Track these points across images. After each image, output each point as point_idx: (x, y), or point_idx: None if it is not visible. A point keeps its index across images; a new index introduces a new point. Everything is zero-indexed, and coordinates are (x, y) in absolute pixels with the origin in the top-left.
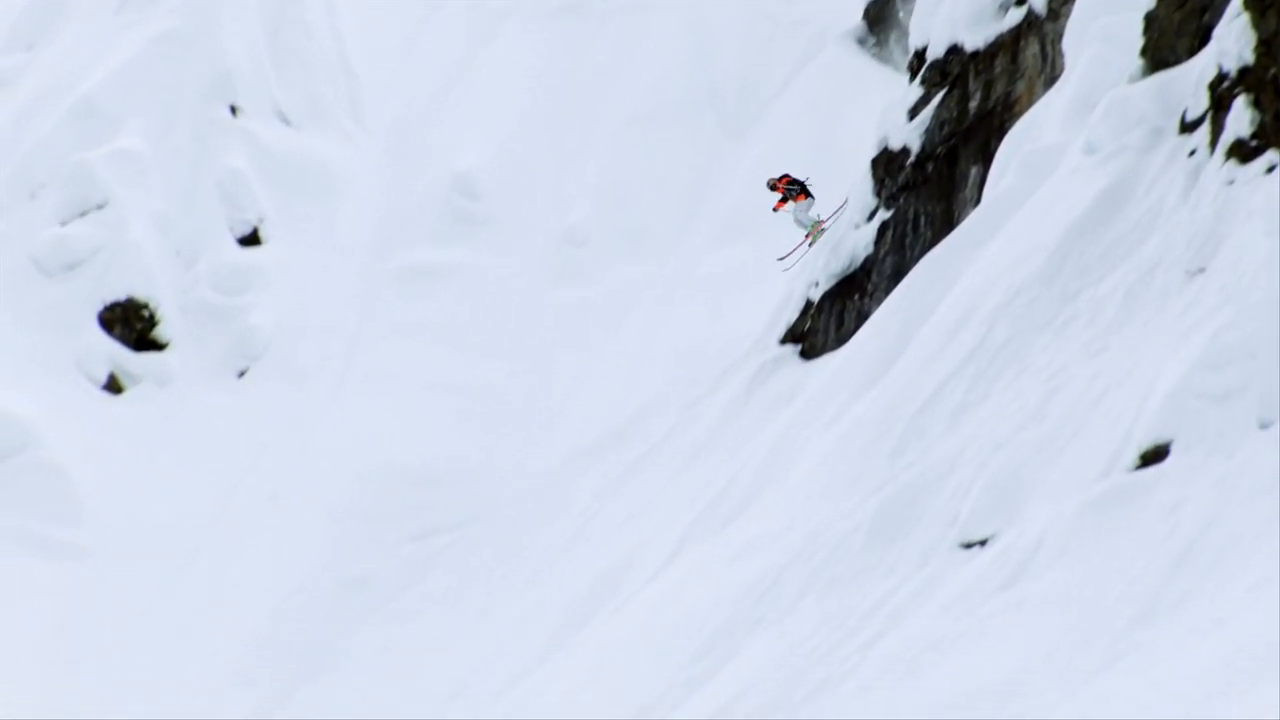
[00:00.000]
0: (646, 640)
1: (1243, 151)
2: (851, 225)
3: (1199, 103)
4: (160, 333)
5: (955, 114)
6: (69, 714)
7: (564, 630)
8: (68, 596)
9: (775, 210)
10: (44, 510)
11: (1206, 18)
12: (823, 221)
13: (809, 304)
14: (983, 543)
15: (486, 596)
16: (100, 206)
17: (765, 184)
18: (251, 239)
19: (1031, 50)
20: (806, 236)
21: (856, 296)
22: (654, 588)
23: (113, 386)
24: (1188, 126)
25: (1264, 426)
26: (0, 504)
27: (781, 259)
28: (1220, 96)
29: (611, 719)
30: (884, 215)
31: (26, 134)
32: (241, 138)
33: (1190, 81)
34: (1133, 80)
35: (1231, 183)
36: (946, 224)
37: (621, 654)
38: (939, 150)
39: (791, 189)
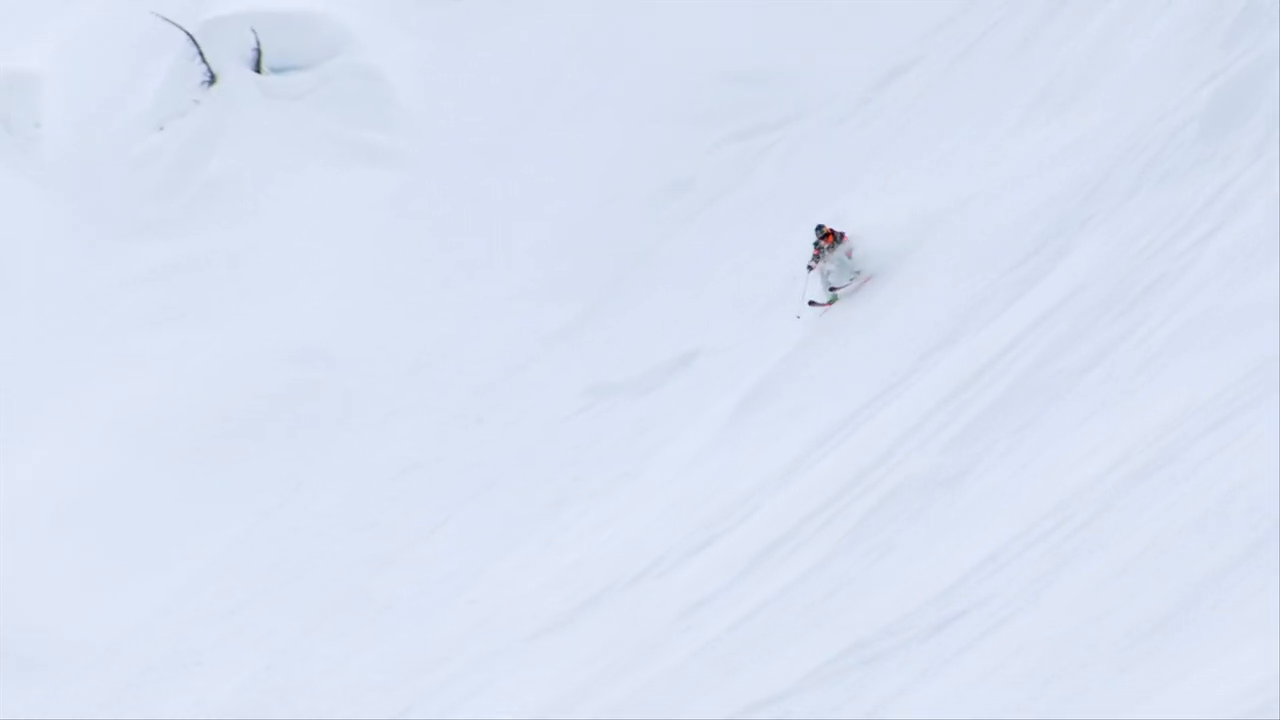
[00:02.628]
0: (976, 237)
1: None
2: None
3: None
4: None
5: None
6: (380, 327)
7: None
8: (383, 203)
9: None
10: (361, 115)
11: None
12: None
13: None
14: None
15: (801, 202)
16: None
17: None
18: None
19: None
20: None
21: None
22: (976, 187)
23: None
24: None
25: None
26: (317, 109)
27: (814, 303)
28: None
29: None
30: None
31: None
32: None
33: None
34: None
35: None
36: None
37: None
38: None
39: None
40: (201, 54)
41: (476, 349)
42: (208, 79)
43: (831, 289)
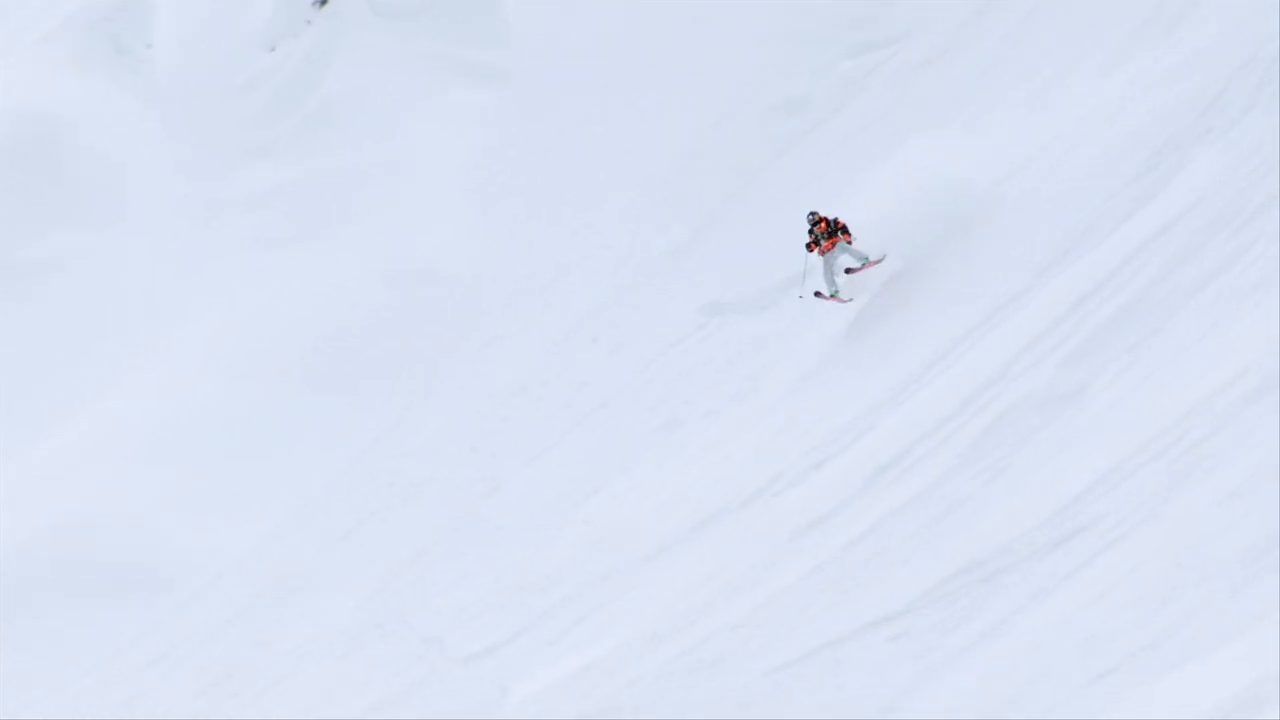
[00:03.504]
0: (1089, 156)
1: None
2: None
3: None
4: None
5: None
6: (490, 248)
7: None
8: (494, 123)
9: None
10: (472, 34)
11: None
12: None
13: None
14: None
15: (920, 116)
16: None
17: (808, 218)
18: None
19: None
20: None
21: None
22: (1084, 110)
23: None
24: None
25: None
26: (428, 28)
27: (819, 294)
28: None
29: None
30: None
31: None
32: None
33: None
34: None
35: None
36: None
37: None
38: None
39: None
40: None
41: (587, 270)
42: None
43: (833, 292)
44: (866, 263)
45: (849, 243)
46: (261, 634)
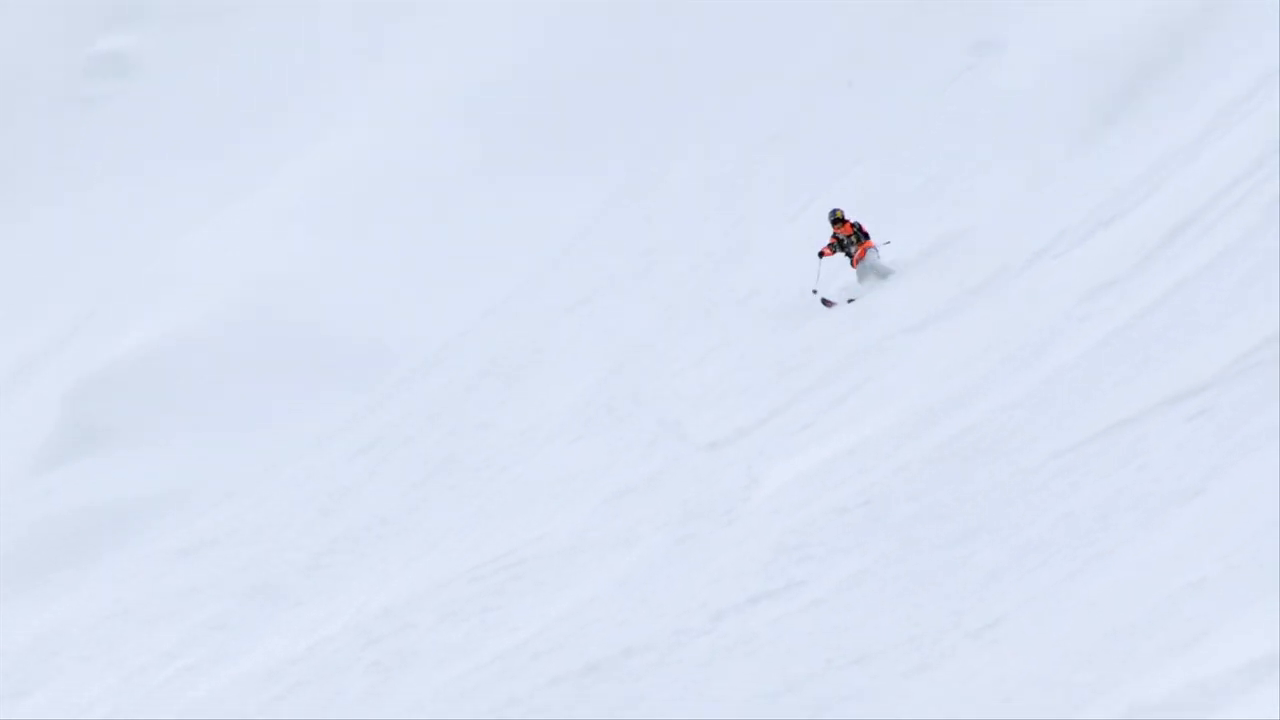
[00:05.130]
0: None
1: None
2: None
3: None
4: None
5: None
6: None
7: None
8: None
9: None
10: None
11: None
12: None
13: None
14: None
15: None
16: None
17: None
18: None
19: None
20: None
21: None
22: None
23: None
24: None
25: None
26: None
27: (827, 302)
28: None
29: None
30: None
31: None
32: None
33: None
34: None
35: None
36: None
37: None
38: None
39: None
40: None
41: None
42: None
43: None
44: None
45: (874, 248)
46: (485, 415)
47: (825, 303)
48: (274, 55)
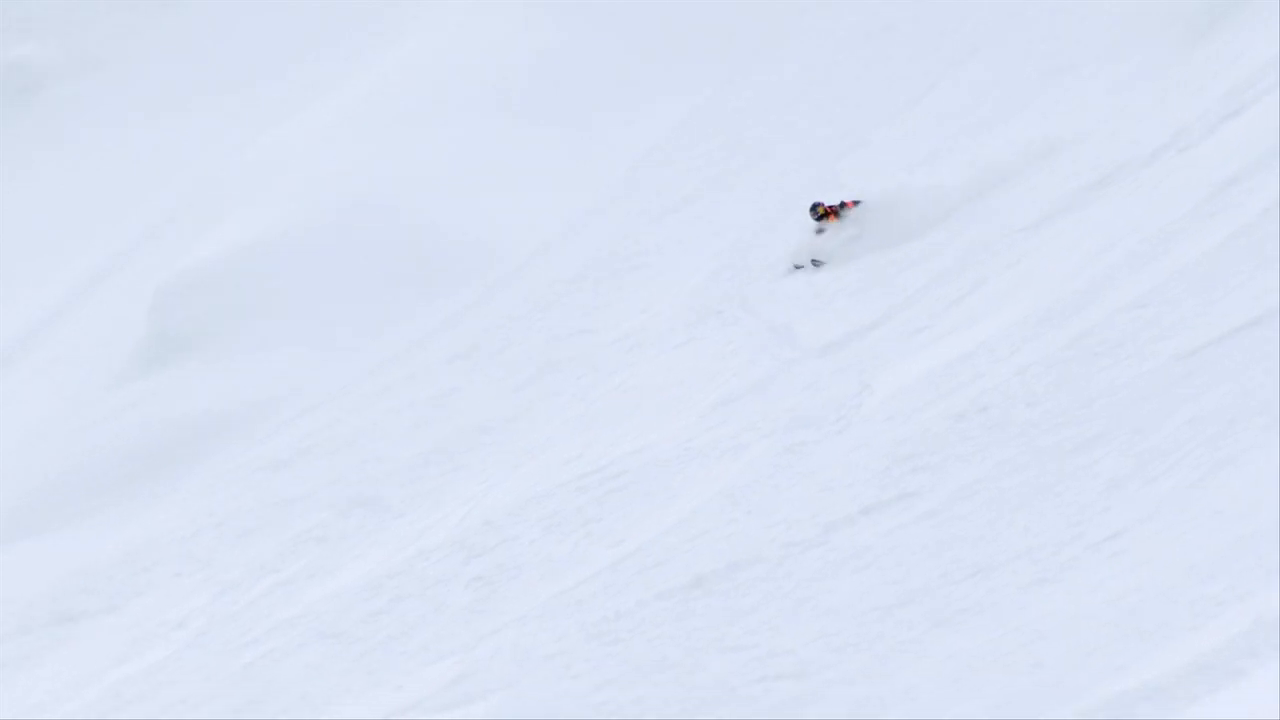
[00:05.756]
0: None
1: None
2: None
3: None
4: None
5: None
6: None
7: None
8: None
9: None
10: None
11: None
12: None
13: None
14: None
15: None
16: None
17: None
18: None
19: None
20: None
21: None
22: None
23: None
24: None
25: None
26: None
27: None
28: None
29: None
30: None
31: None
32: None
33: None
34: None
35: None
36: None
37: None
38: None
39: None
40: None
41: None
42: None
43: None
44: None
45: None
46: (585, 320)
47: (813, 263)
48: None
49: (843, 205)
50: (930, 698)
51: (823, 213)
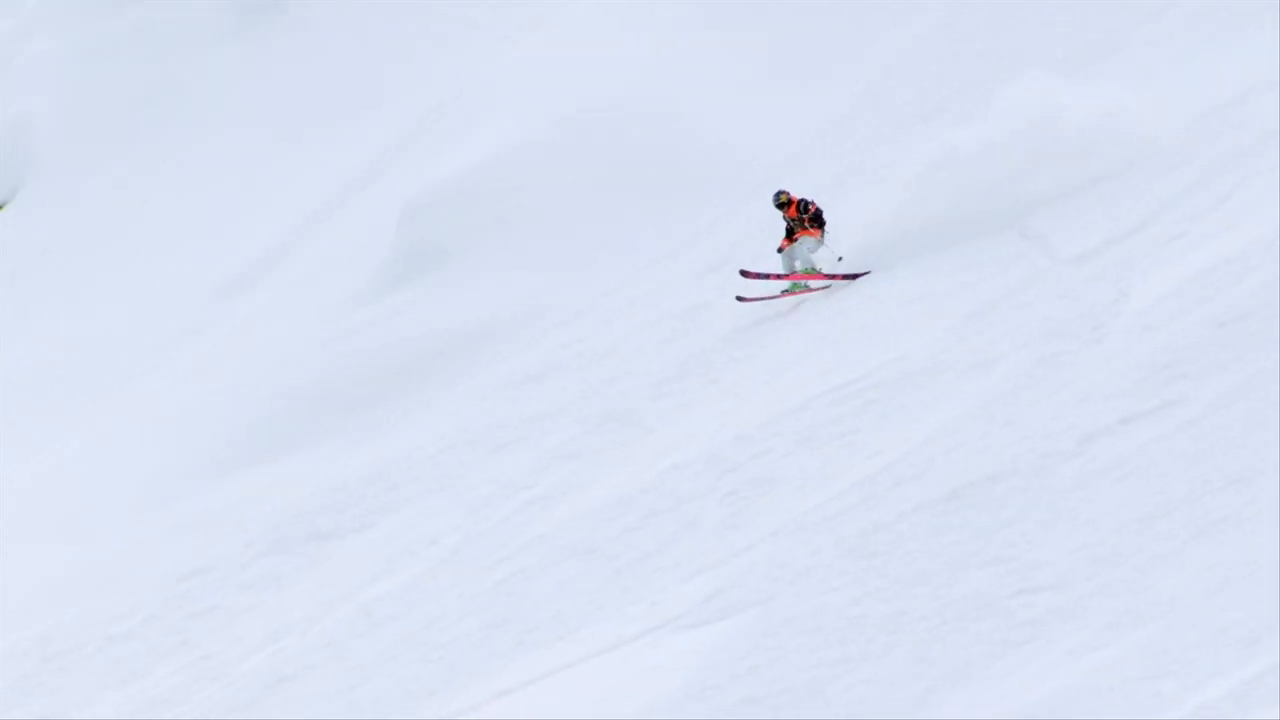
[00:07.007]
0: None
1: None
2: None
3: None
4: None
5: None
6: None
7: None
8: None
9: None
10: None
11: None
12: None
13: None
14: None
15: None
16: None
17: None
18: None
19: None
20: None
21: None
22: None
23: None
24: None
25: None
26: None
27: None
28: None
29: None
30: None
31: None
32: None
33: None
34: None
35: None
36: None
37: None
38: None
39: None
40: None
41: None
42: None
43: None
44: (819, 274)
45: (818, 239)
46: (835, 231)
47: (741, 299)
48: None
49: (806, 208)
50: (1191, 609)
51: (785, 201)
